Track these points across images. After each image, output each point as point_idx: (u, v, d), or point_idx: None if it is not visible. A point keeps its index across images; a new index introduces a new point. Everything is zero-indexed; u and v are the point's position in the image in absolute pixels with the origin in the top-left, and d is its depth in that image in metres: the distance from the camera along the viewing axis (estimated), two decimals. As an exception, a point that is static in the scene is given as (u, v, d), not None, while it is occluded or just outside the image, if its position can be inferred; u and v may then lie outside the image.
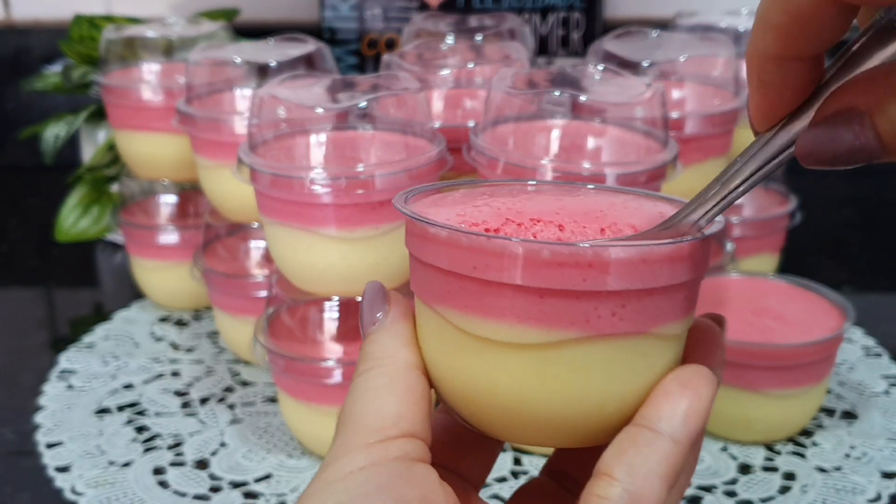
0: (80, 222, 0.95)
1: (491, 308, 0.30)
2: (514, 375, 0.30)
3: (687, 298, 0.31)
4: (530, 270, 0.29)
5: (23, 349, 0.79)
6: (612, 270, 0.29)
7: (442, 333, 0.32)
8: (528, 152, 0.60)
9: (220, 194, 0.73)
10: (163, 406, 0.69)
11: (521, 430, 0.32)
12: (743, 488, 0.60)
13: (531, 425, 0.31)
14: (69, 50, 0.95)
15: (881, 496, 0.59)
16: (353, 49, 1.05)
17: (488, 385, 0.31)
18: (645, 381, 0.31)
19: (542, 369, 0.30)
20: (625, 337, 0.30)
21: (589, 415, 0.31)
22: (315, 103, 0.61)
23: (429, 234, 0.31)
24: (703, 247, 0.31)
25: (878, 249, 0.99)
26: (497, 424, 0.32)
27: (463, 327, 0.31)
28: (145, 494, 0.59)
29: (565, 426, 0.31)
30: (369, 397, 0.32)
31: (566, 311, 0.29)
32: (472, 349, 0.31)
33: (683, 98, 0.73)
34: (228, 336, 0.75)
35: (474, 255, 0.30)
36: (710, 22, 0.88)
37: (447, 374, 0.33)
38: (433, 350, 0.33)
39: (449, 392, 0.33)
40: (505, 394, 0.31)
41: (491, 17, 0.90)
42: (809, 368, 0.62)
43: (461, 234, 0.30)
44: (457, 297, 0.31)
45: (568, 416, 0.31)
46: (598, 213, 0.33)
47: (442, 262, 0.31)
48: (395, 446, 0.31)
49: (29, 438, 0.65)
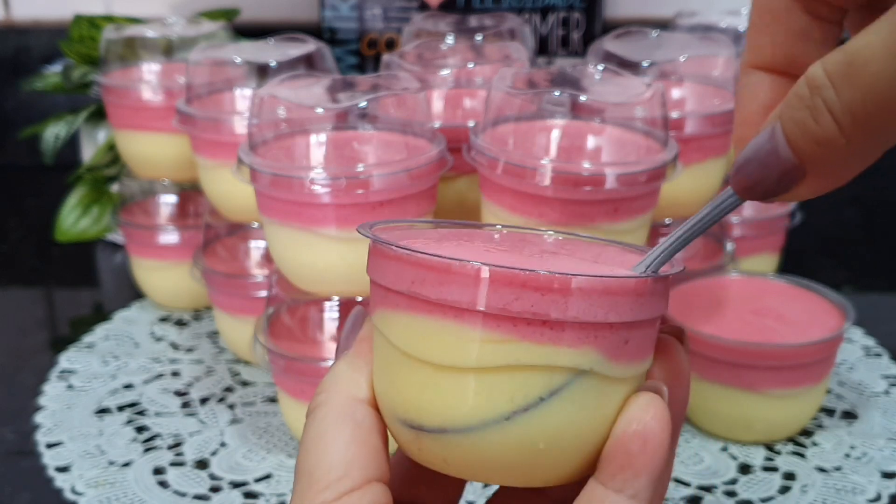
0: (80, 222, 0.95)
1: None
2: (466, 413, 0.30)
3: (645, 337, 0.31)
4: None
5: (23, 349, 0.79)
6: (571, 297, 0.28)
7: (387, 356, 0.31)
8: (528, 152, 0.60)
9: (220, 194, 0.73)
10: (163, 406, 0.69)
11: (474, 469, 0.31)
12: (743, 488, 0.60)
13: (483, 464, 0.30)
14: (69, 50, 0.95)
15: (881, 496, 0.59)
16: (353, 49, 1.05)
17: (439, 415, 0.30)
18: (604, 422, 0.30)
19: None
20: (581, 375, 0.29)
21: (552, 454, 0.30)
22: (315, 103, 0.61)
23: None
24: (655, 286, 0.30)
25: (879, 249, 0.99)
26: (453, 463, 0.31)
27: (404, 347, 0.30)
28: (145, 494, 0.59)
29: (522, 466, 0.30)
30: (320, 445, 0.31)
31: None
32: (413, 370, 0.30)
33: (683, 98, 0.73)
34: (228, 336, 0.75)
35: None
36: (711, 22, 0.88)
37: (385, 396, 0.32)
38: (379, 375, 0.32)
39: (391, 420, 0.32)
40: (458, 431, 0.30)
41: (491, 17, 0.90)
42: (809, 368, 0.62)
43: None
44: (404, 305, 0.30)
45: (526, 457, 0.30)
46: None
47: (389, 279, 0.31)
48: (351, 500, 0.30)
49: (29, 438, 0.65)
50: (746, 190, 0.29)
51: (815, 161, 0.27)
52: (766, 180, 0.28)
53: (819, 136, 0.26)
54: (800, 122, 0.26)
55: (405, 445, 0.32)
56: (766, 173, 0.28)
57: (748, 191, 0.29)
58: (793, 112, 0.26)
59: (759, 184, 0.28)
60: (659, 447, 0.29)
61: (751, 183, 0.28)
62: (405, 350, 0.31)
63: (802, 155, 0.27)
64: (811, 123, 0.26)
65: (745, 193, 0.29)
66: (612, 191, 0.55)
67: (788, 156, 0.27)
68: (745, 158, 0.28)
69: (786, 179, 0.28)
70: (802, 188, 0.28)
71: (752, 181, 0.28)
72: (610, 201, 0.56)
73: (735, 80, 0.73)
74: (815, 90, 0.26)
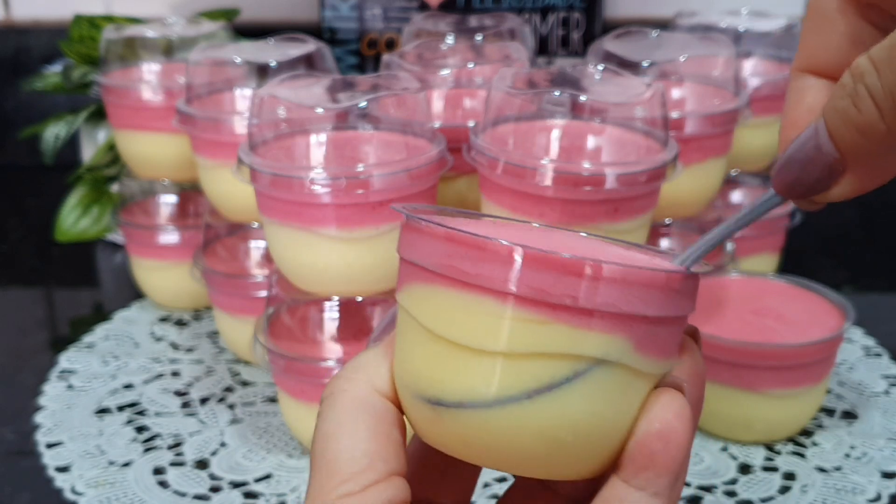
0: (80, 222, 0.95)
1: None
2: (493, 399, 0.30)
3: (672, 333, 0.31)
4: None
5: (23, 349, 0.79)
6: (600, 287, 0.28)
7: (411, 335, 0.31)
8: (528, 152, 0.60)
9: (220, 194, 0.73)
10: (163, 406, 0.69)
11: (491, 452, 0.31)
12: (743, 488, 0.60)
13: (501, 447, 0.30)
14: (69, 50, 0.95)
15: (881, 496, 0.59)
16: (353, 49, 1.05)
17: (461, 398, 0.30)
18: (625, 417, 0.30)
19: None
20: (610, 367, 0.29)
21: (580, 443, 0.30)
22: (315, 103, 0.61)
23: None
24: (687, 282, 0.31)
25: (879, 249, 0.99)
26: (476, 451, 0.31)
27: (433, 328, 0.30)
28: (145, 494, 0.59)
29: (548, 455, 0.30)
30: (342, 434, 0.31)
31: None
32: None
33: (683, 98, 0.73)
34: (228, 336, 0.75)
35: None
36: (711, 22, 0.88)
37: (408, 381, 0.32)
38: (401, 355, 0.32)
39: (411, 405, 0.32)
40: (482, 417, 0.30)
41: (491, 17, 0.90)
42: (809, 368, 0.62)
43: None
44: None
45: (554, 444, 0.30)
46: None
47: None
48: (374, 494, 0.30)
49: (29, 438, 0.65)
50: (787, 187, 0.29)
51: (856, 152, 0.27)
52: (807, 176, 0.28)
53: (860, 123, 0.26)
54: (841, 110, 0.27)
55: (423, 426, 0.32)
56: (807, 169, 0.28)
57: (789, 189, 0.29)
58: (835, 102, 0.27)
59: (800, 181, 0.28)
60: (681, 446, 0.29)
61: (792, 179, 0.29)
62: (431, 326, 0.30)
63: (843, 144, 0.27)
64: (852, 111, 0.26)
65: (786, 191, 0.29)
66: (612, 191, 0.55)
67: (830, 149, 0.27)
68: (788, 156, 0.29)
69: (826, 175, 0.28)
70: (842, 185, 0.28)
71: (793, 177, 0.29)
72: (610, 201, 0.56)
73: (735, 81, 0.73)
74: (857, 77, 0.26)
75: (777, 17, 0.88)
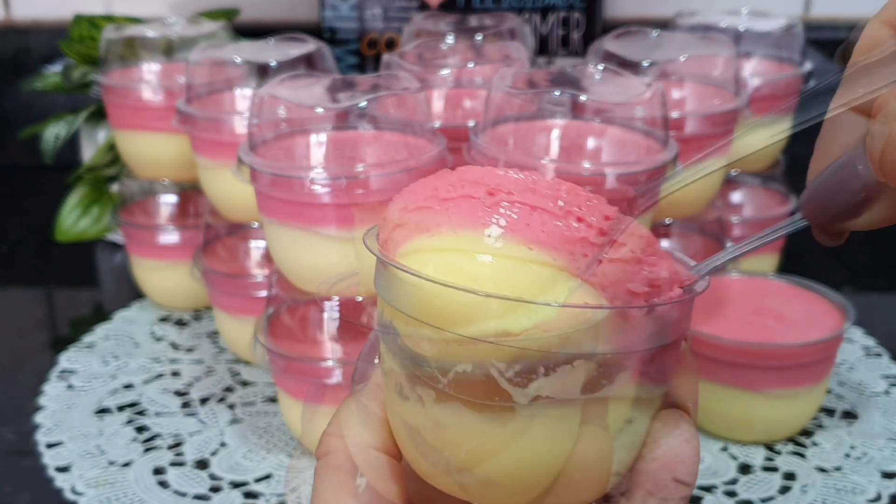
0: (80, 222, 0.95)
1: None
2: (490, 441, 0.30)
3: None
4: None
5: (23, 349, 0.79)
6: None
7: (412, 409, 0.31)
8: (528, 152, 0.60)
9: (220, 194, 0.73)
10: (163, 406, 0.69)
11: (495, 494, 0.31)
12: (743, 488, 0.60)
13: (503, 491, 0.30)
14: (69, 50, 0.95)
15: (881, 496, 0.59)
16: (353, 49, 1.05)
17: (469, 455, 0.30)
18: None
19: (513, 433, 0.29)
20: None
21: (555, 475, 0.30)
22: (315, 103, 0.61)
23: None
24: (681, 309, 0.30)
25: (879, 249, 0.99)
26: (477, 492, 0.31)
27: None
28: (145, 494, 0.59)
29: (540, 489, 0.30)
30: (337, 499, 0.31)
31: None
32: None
33: (683, 98, 0.73)
34: (228, 336, 0.75)
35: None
36: (711, 22, 0.88)
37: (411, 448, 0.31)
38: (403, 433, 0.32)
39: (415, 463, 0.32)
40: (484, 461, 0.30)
41: (491, 17, 0.90)
42: (810, 368, 0.62)
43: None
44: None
45: (537, 478, 0.30)
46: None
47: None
48: None
49: (29, 438, 0.65)
50: (817, 212, 0.29)
51: (892, 174, 0.27)
52: (839, 201, 0.28)
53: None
54: (881, 133, 0.27)
55: (433, 481, 0.32)
56: (840, 194, 0.28)
57: (819, 213, 0.29)
58: (876, 126, 0.27)
59: (831, 206, 0.29)
60: (689, 468, 0.29)
61: (822, 204, 0.29)
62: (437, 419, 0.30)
63: (882, 165, 0.27)
64: (894, 132, 0.27)
65: (815, 216, 0.29)
66: (612, 191, 0.55)
67: (867, 173, 0.28)
68: (821, 181, 0.29)
69: (858, 201, 0.28)
70: (872, 212, 0.28)
71: (824, 202, 0.29)
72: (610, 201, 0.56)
73: (735, 81, 0.73)
74: None
75: (777, 17, 0.88)
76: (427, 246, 0.29)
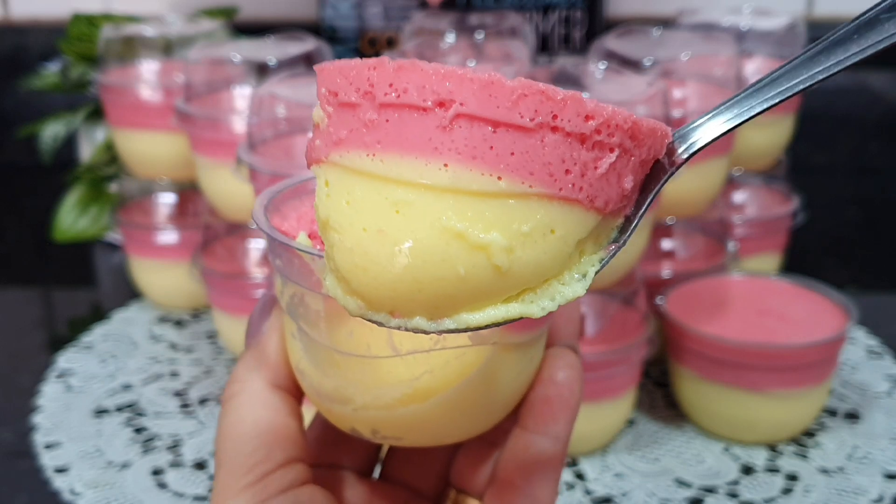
0: (78, 222, 0.95)
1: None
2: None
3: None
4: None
5: (20, 350, 0.78)
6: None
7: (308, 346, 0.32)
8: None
9: (219, 193, 0.72)
10: (161, 406, 0.69)
11: (397, 430, 0.32)
12: (745, 489, 0.59)
13: (410, 430, 0.32)
14: (67, 48, 0.95)
15: (884, 497, 0.58)
16: (353, 47, 1.04)
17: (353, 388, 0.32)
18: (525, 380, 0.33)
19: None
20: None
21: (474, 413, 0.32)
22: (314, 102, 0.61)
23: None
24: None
25: (882, 249, 0.99)
26: (378, 428, 0.32)
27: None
28: (144, 495, 0.59)
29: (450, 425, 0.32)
30: (239, 432, 0.32)
31: None
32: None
33: (685, 97, 0.72)
34: (227, 336, 0.75)
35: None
36: (713, 20, 0.88)
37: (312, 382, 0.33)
38: (299, 360, 0.33)
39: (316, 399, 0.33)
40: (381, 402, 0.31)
41: (492, 15, 0.89)
42: (812, 369, 0.62)
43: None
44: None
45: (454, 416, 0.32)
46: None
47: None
48: (274, 481, 0.32)
49: (27, 439, 0.65)
50: None
51: None
52: None
53: None
54: None
55: (330, 418, 0.34)
56: None
57: None
58: None
59: None
60: (574, 392, 0.33)
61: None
62: (330, 345, 0.31)
63: None
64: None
65: None
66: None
67: None
68: None
69: None
70: None
71: None
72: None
73: (737, 79, 0.73)
74: None
75: (779, 15, 0.88)
76: (367, 168, 0.25)
